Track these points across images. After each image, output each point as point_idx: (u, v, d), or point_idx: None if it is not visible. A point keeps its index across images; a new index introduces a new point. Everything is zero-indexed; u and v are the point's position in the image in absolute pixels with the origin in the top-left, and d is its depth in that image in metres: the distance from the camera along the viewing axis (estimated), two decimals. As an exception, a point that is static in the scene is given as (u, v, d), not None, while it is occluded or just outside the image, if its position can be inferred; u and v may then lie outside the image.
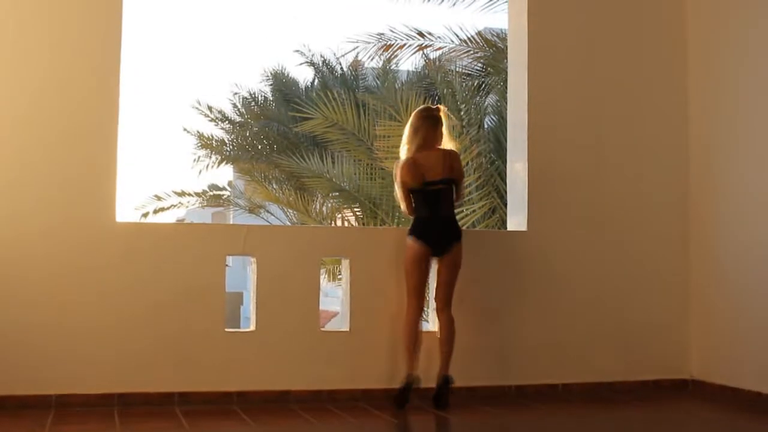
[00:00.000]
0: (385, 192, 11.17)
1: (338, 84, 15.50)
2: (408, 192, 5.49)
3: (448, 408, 5.34)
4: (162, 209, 17.09)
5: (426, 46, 12.34)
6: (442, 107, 5.65)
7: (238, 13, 56.31)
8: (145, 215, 16.77)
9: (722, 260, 6.20)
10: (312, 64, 16.59)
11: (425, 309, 5.64)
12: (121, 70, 5.45)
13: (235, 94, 16.99)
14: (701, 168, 6.42)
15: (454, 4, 11.64)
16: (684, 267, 6.44)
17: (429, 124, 5.50)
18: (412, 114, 5.63)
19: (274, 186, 14.48)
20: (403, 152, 5.54)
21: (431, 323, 5.99)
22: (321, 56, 16.51)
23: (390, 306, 5.71)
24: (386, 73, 13.94)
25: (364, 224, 11.60)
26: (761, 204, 5.85)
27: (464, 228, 7.05)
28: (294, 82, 16.88)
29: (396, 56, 12.71)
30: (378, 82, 14.63)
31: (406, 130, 5.56)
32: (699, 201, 6.41)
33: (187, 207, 17.88)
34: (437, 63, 12.82)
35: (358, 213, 11.95)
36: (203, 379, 5.39)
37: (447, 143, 5.56)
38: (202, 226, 6.97)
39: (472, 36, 11.79)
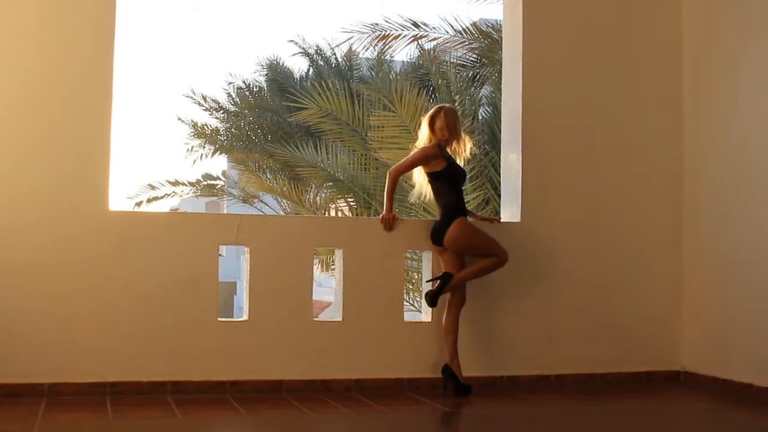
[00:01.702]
0: (379, 183, 11.16)
1: (333, 74, 15.44)
2: None
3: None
4: (155, 198, 17.02)
5: (421, 37, 12.30)
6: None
7: (232, 2, 56.15)
8: (138, 204, 16.70)
9: (714, 253, 6.21)
10: (306, 54, 16.53)
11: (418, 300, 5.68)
12: (114, 59, 5.44)
13: (230, 83, 16.93)
14: (694, 160, 6.43)
15: (448, -5, 11.61)
16: (676, 259, 6.46)
17: None
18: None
19: (268, 176, 14.44)
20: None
21: (423, 313, 6.01)
22: (316, 46, 16.47)
23: (383, 296, 5.74)
24: (381, 63, 13.91)
25: (357, 214, 11.59)
26: (754, 197, 5.86)
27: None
28: (288, 72, 16.81)
29: (390, 46, 12.68)
30: (372, 72, 14.58)
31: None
32: (692, 194, 6.43)
33: (180, 196, 17.82)
34: (432, 54, 12.78)
35: (351, 203, 11.94)
36: (196, 369, 5.39)
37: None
38: (196, 215, 6.96)
39: (467, 27, 11.76)
